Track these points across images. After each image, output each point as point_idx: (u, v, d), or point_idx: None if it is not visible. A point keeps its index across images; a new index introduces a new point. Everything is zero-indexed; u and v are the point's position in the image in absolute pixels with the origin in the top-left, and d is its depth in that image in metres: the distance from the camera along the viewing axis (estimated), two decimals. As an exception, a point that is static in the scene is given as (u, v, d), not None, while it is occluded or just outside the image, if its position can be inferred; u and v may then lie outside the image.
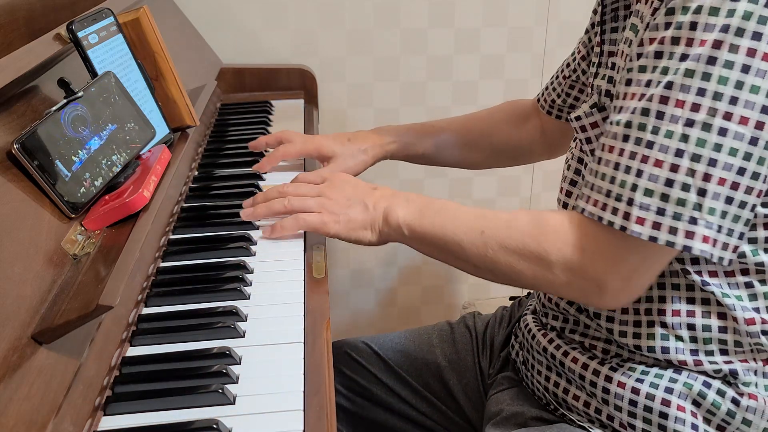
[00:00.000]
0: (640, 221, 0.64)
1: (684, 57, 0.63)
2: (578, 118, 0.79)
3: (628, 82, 0.67)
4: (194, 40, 1.38)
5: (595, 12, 0.90)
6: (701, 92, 0.61)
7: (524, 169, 1.69)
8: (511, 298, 1.03)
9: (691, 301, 0.73)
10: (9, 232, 0.59)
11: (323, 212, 0.82)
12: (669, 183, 0.63)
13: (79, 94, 0.74)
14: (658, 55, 0.65)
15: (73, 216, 0.68)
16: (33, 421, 0.51)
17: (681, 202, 0.62)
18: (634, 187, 0.64)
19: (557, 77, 1.03)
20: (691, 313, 0.73)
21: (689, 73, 0.62)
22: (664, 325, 0.74)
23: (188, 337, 0.70)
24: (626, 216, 0.64)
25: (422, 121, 1.13)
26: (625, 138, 0.65)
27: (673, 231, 0.63)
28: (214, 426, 0.58)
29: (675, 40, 0.63)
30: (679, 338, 0.74)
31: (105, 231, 0.71)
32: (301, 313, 0.75)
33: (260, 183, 1.05)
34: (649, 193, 0.63)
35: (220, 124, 1.27)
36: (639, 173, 0.64)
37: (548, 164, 1.69)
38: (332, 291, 0.84)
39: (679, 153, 0.62)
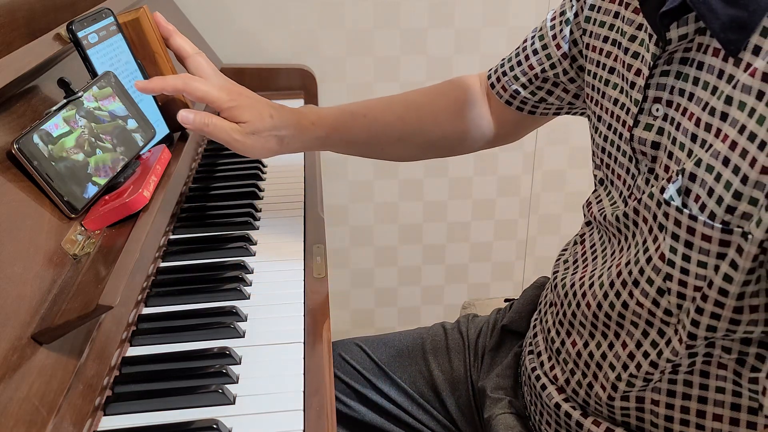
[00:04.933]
0: None
1: None
2: (682, 210, 0.60)
3: None
4: (194, 40, 1.37)
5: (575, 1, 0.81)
6: None
7: (524, 169, 1.69)
8: (506, 300, 1.02)
9: (735, 407, 0.65)
10: (9, 232, 0.59)
11: None
12: None
13: (79, 94, 0.74)
14: None
15: (73, 216, 0.69)
16: (33, 421, 0.51)
17: None
18: None
19: (520, 64, 0.88)
20: (734, 422, 0.65)
21: None
22: (700, 427, 0.67)
23: (188, 337, 0.70)
24: None
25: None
26: None
27: None
28: (214, 426, 0.59)
29: None
30: None
31: (105, 231, 0.71)
32: (301, 313, 0.75)
33: (260, 183, 1.05)
34: None
35: (220, 124, 1.27)
36: None
37: (548, 164, 1.69)
38: (332, 291, 0.83)
39: None
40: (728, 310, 0.58)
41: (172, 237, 0.89)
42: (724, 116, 0.57)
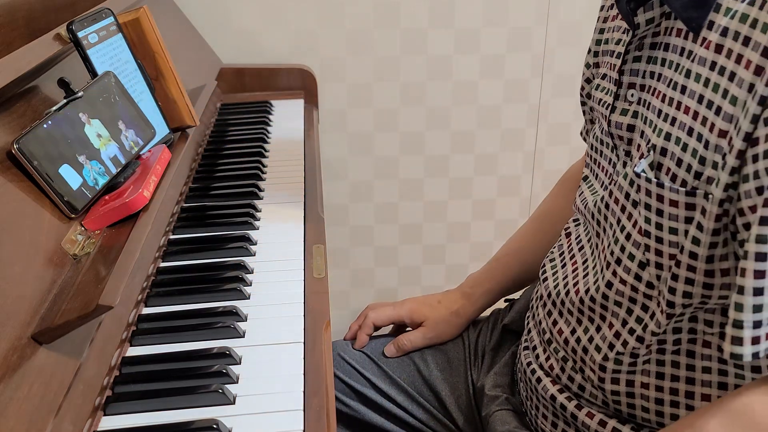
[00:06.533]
0: None
1: None
2: (653, 181, 0.63)
3: (760, 191, 0.54)
4: (194, 40, 1.38)
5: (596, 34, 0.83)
6: None
7: (524, 169, 1.69)
8: (506, 300, 1.02)
9: (722, 386, 0.66)
10: (9, 232, 0.59)
11: None
12: None
13: (79, 94, 0.74)
14: None
15: (73, 216, 0.68)
16: (33, 421, 0.51)
17: None
18: None
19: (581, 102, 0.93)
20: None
21: None
22: (690, 408, 0.68)
23: (188, 337, 0.70)
24: None
25: (425, 123, 1.05)
26: None
27: None
28: (214, 426, 0.59)
29: None
30: None
31: (105, 231, 0.71)
32: (301, 313, 0.75)
33: (260, 183, 1.05)
34: None
35: (220, 124, 1.27)
36: None
37: (548, 164, 1.69)
38: (332, 291, 0.83)
39: None
40: (700, 274, 0.61)
41: (172, 237, 0.89)
42: (684, 89, 0.61)
